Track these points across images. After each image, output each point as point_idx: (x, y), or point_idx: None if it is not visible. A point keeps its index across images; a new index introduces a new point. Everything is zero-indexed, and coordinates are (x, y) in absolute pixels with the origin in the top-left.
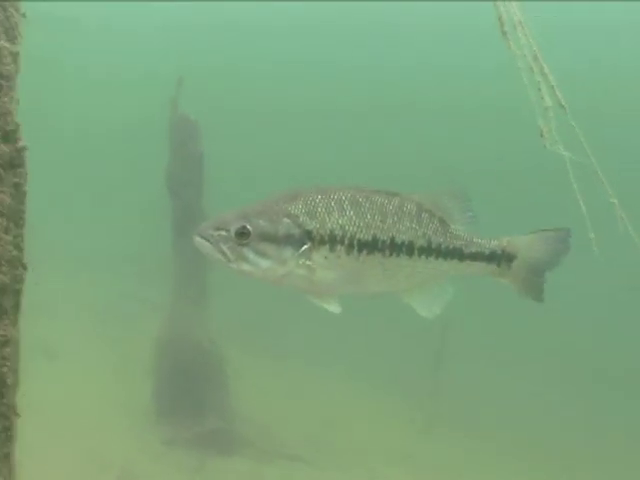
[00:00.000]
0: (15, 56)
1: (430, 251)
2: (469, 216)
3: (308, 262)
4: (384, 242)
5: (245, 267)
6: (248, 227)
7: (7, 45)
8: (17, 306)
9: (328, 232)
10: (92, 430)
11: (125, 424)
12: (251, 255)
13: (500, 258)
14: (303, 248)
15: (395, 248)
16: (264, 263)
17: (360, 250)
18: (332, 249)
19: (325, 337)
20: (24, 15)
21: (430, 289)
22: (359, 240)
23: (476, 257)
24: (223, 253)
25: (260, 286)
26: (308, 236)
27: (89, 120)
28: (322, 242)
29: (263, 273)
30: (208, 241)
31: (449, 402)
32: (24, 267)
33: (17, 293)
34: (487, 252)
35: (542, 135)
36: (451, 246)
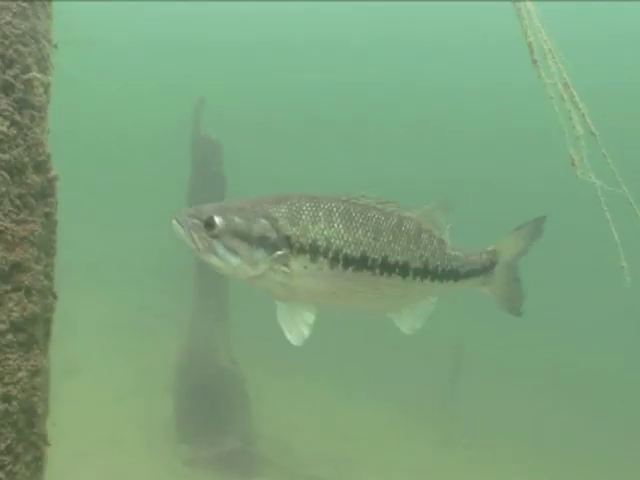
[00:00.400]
0: (46, 87)
1: (426, 273)
2: (449, 228)
3: (284, 268)
4: (375, 260)
5: (214, 260)
6: (219, 220)
7: (39, 76)
8: (47, 335)
9: (310, 241)
10: (114, 450)
11: (147, 444)
12: (221, 249)
13: (488, 269)
14: (278, 253)
15: (387, 268)
16: (234, 260)
17: (346, 266)
18: (314, 260)
19: (343, 355)
20: (56, 46)
21: (417, 307)
22: (346, 255)
23: (470, 274)
24: (194, 241)
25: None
26: (286, 242)
27: (111, 133)
28: (302, 250)
29: (233, 270)
30: (183, 227)
31: (465, 417)
32: (54, 296)
33: (47, 322)
34: (479, 267)
35: (573, 164)
36: (448, 267)
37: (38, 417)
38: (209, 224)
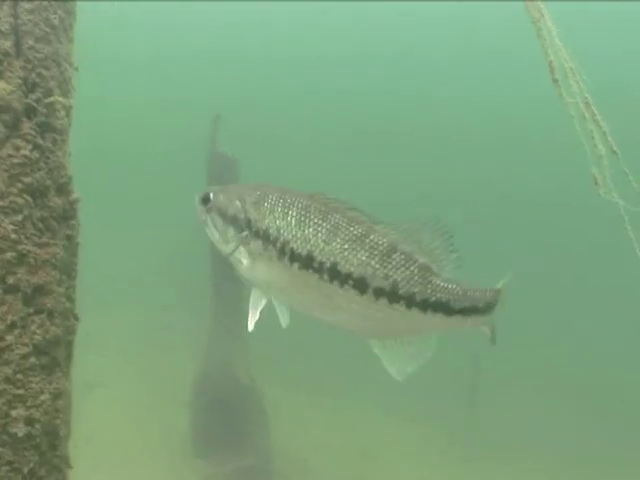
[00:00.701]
0: (68, 110)
1: (396, 297)
2: (455, 258)
3: (246, 251)
4: (322, 264)
5: (207, 232)
6: (211, 197)
7: (61, 99)
8: (69, 357)
9: (263, 227)
10: (132, 466)
11: (164, 460)
12: (210, 224)
13: (493, 308)
14: (243, 233)
15: (338, 277)
16: (216, 235)
17: (292, 261)
18: (265, 247)
19: (361, 371)
20: (76, 69)
21: (407, 344)
22: (292, 250)
23: (470, 312)
24: (198, 213)
25: (296, 319)
26: (248, 224)
27: (129, 144)
28: (257, 235)
29: (217, 244)
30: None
31: (484, 431)
32: (76, 318)
33: (69, 344)
34: (482, 305)
35: (596, 183)
36: (432, 299)
37: (60, 439)
38: (204, 200)
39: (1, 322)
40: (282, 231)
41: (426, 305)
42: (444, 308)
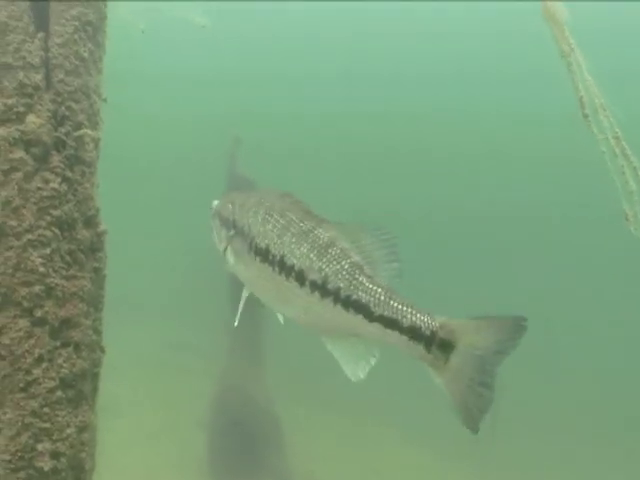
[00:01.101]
0: (97, 142)
1: (326, 292)
2: (394, 268)
3: (231, 249)
4: (274, 257)
5: (212, 237)
6: (214, 203)
7: (90, 132)
8: (95, 390)
9: (241, 226)
10: None
11: None
12: (213, 227)
13: (429, 340)
14: (230, 233)
15: (285, 269)
16: (215, 237)
17: (256, 255)
18: (242, 244)
19: (378, 390)
20: (105, 100)
21: (355, 346)
22: (256, 244)
23: (392, 325)
24: (210, 221)
25: (313, 338)
26: (234, 225)
27: (150, 160)
28: (238, 234)
29: (217, 247)
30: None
31: (502, 455)
32: (102, 350)
33: (95, 377)
34: (405, 324)
35: (627, 219)
36: (353, 297)
37: (85, 473)
38: (211, 207)
39: (29, 355)
40: (252, 228)
41: (348, 303)
42: (364, 310)
